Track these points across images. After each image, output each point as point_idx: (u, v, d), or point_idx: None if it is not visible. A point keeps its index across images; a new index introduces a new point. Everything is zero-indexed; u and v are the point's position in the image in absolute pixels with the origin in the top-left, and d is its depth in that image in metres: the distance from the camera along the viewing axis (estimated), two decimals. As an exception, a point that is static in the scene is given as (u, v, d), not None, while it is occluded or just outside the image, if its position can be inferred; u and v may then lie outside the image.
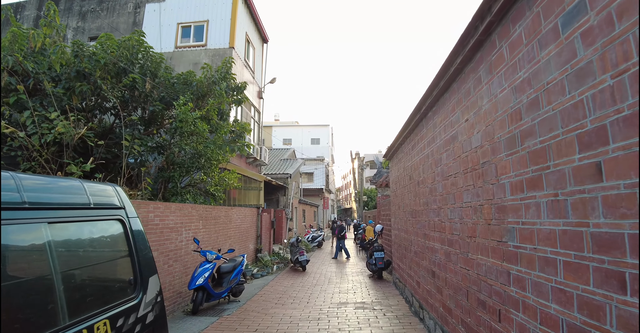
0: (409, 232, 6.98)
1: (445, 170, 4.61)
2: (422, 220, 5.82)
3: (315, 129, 47.52)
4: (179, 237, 7.52)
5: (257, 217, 13.02)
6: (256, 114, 17.86)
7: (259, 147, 16.60)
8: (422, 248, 5.85)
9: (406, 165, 7.19)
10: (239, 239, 11.12)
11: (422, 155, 5.80)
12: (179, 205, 7.52)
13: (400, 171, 7.91)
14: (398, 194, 8.17)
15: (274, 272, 11.97)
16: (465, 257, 3.91)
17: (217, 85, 8.79)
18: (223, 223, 9.83)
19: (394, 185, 8.81)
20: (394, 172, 8.81)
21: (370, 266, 10.35)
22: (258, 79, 18.61)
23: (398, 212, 8.20)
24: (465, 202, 3.90)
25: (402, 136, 7.25)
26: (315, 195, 31.79)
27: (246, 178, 13.46)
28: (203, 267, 7.30)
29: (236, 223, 10.91)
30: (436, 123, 5.01)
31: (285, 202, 17.56)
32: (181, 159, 8.51)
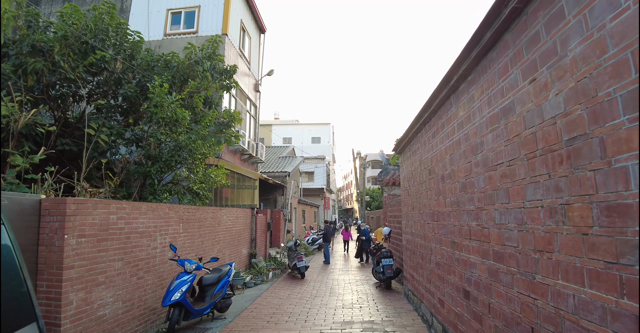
0: (427, 238, 5.76)
1: (490, 158, 3.39)
2: (449, 225, 4.60)
3: (316, 127, 46.33)
4: (152, 244, 6.31)
5: (252, 219, 11.81)
6: (252, 107, 16.67)
7: (255, 143, 15.41)
8: (449, 260, 4.64)
9: (424, 157, 5.98)
10: (230, 244, 9.92)
11: (450, 142, 4.58)
12: (151, 206, 6.31)
13: (414, 165, 6.70)
14: (412, 193, 6.96)
15: (269, 279, 10.76)
16: (530, 279, 2.70)
17: (199, 65, 7.58)
18: (210, 226, 8.63)
19: (405, 182, 7.60)
20: (406, 167, 7.60)
21: (377, 274, 9.13)
22: (254, 71, 17.42)
23: (412, 214, 6.98)
24: (530, 201, 2.69)
25: (418, 123, 6.04)
26: (315, 195, 30.57)
27: (239, 176, 12.26)
28: (180, 279, 6.10)
29: (226, 225, 9.71)
30: (473, 96, 3.79)
31: (284, 202, 16.36)
32: (158, 152, 7.31)
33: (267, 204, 16.34)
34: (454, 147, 4.43)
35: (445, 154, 4.79)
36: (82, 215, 4.77)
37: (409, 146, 7.19)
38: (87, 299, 4.80)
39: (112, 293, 5.29)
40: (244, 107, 15.27)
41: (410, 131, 6.64)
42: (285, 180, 16.50)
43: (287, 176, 16.56)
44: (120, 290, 5.49)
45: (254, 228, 11.79)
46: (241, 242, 10.85)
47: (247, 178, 12.11)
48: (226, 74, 8.26)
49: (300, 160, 19.91)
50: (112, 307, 5.26)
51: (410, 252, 7.18)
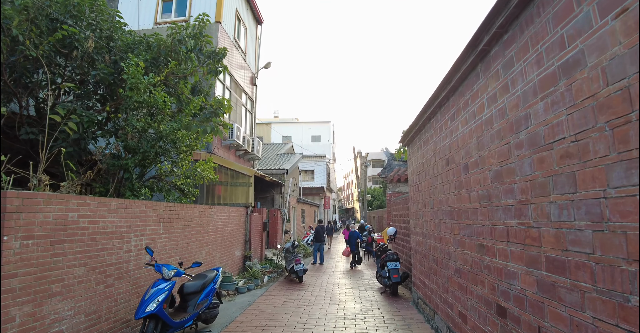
0: (444, 240, 4.92)
1: (541, 134, 2.56)
2: (476, 224, 3.77)
3: (316, 125, 45.47)
4: (125, 246, 5.48)
5: (246, 218, 10.98)
6: (248, 101, 15.85)
7: (251, 138, 14.58)
8: (475, 267, 3.80)
9: (439, 146, 5.14)
10: (221, 245, 9.08)
11: (476, 122, 3.75)
12: (124, 202, 5.48)
13: (427, 156, 5.86)
14: (423, 188, 6.12)
15: (264, 284, 9.92)
16: (618, 302, 1.86)
17: (182, 45, 6.74)
18: (197, 226, 7.79)
19: (415, 176, 6.76)
20: (415, 160, 6.76)
21: (382, 279, 8.29)
22: (251, 63, 16.61)
23: (423, 212, 6.15)
24: (618, 188, 1.85)
25: (431, 106, 5.21)
26: (315, 194, 29.73)
27: (233, 173, 11.43)
28: (157, 287, 5.27)
29: (216, 225, 8.87)
30: (512, 59, 2.96)
31: (281, 201, 15.53)
32: (137, 143, 6.48)
33: (264, 203, 15.51)
34: (482, 128, 3.59)
35: (469, 138, 3.95)
36: (29, 212, 3.94)
37: (419, 135, 6.35)
38: (36, 314, 3.97)
39: (71, 305, 4.46)
40: (239, 101, 14.45)
41: (422, 117, 5.81)
42: (283, 177, 15.67)
43: (285, 174, 15.73)
44: (83, 301, 4.66)
45: (248, 228, 10.95)
46: (234, 244, 10.02)
47: (241, 175, 11.28)
48: (214, 57, 7.42)
49: (298, 157, 19.07)
50: (71, 321, 4.43)
51: (421, 256, 6.34)
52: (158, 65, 6.95)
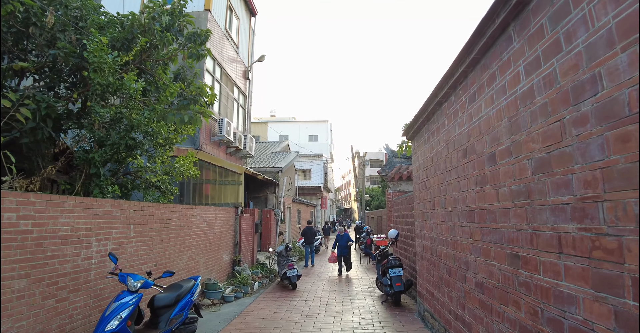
0: (459, 247, 4.13)
1: (624, 101, 1.77)
2: (507, 228, 2.98)
3: (313, 124, 44.68)
4: (83, 252, 4.67)
5: (235, 219, 10.17)
6: (240, 96, 15.05)
7: (243, 135, 13.77)
8: (506, 283, 3.01)
9: (453, 134, 4.35)
10: (205, 250, 8.26)
11: (508, 99, 2.96)
12: (82, 201, 4.67)
13: (436, 149, 5.07)
14: (431, 185, 5.33)
15: (254, 291, 9.11)
16: None
17: (156, 21, 5.93)
18: (176, 229, 6.98)
19: (421, 173, 5.97)
20: (421, 154, 5.97)
21: (383, 287, 7.48)
22: (244, 57, 15.81)
23: (431, 213, 5.36)
24: None
25: (443, 89, 4.42)
26: (312, 194, 28.92)
27: (222, 171, 10.62)
28: (120, 300, 4.46)
29: (201, 227, 8.06)
30: (567, 6, 2.17)
31: (275, 201, 14.72)
32: (104, 134, 5.67)
33: (257, 203, 14.71)
34: (517, 105, 2.80)
35: (496, 121, 3.16)
36: (-58, 214, 3.12)
37: (427, 125, 5.56)
38: (-47, 341, 3.16)
39: (6, 325, 3.64)
40: (230, 95, 13.65)
41: (430, 103, 5.02)
42: (278, 176, 14.86)
43: (279, 172, 14.92)
44: (25, 320, 3.85)
45: (237, 230, 10.14)
46: (221, 247, 9.20)
47: (231, 173, 10.48)
48: (196, 39, 6.61)
49: (294, 155, 18.26)
50: (5, 346, 3.61)
51: (429, 263, 5.55)
52: (130, 46, 6.14)
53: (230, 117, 13.57)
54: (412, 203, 7.35)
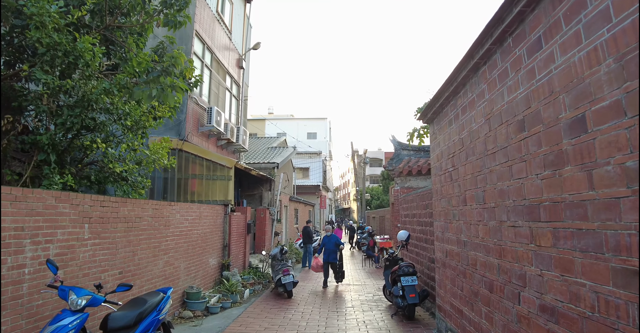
0: (509, 255, 3.06)
1: None
2: (613, 228, 1.90)
3: (312, 122, 43.57)
4: (11, 259, 3.59)
5: (224, 218, 9.08)
6: (234, 85, 13.97)
7: (236, 127, 12.69)
8: (606, 313, 1.93)
9: (499, 105, 3.28)
10: (187, 253, 7.17)
11: (608, 32, 1.87)
12: (10, 192, 3.58)
13: (470, 128, 4.00)
14: (461, 176, 4.26)
15: (244, 300, 8.02)
16: None
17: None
18: (150, 229, 5.89)
19: (444, 162, 4.89)
20: (444, 139, 4.89)
21: (393, 298, 6.39)
22: (237, 44, 14.73)
23: (460, 211, 4.29)
24: None
25: (484, 45, 3.35)
26: (311, 193, 27.82)
27: (209, 164, 9.53)
28: (57, 323, 3.41)
29: (181, 227, 6.97)
30: None
31: (271, 199, 13.63)
32: (54, 110, 4.58)
33: (251, 201, 13.62)
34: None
35: (588, 67, 2.09)
36: None
37: (454, 101, 4.49)
38: None
39: None
40: (222, 83, 12.56)
41: (460, 72, 3.95)
42: (273, 172, 13.77)
43: (275, 168, 13.83)
44: None
45: (227, 230, 9.05)
46: (207, 250, 8.11)
47: (220, 167, 9.40)
48: (174, 2, 5.51)
49: (291, 151, 17.15)
50: None
51: (455, 272, 4.47)
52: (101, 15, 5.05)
53: (222, 107, 12.48)
54: (427, 199, 6.28)
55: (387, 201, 23.54)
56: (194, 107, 10.32)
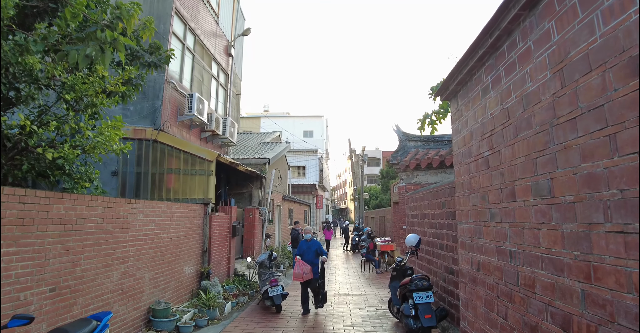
0: (606, 279, 1.89)
1: None
2: None
3: (309, 120, 42.36)
4: None
5: (204, 219, 7.88)
6: (221, 74, 12.79)
7: (222, 118, 11.51)
8: None
9: (583, 44, 2.11)
10: (154, 261, 5.98)
11: None
12: None
13: (523, 92, 2.84)
14: (504, 161, 3.11)
15: (225, 315, 6.83)
16: None
17: None
18: (99, 232, 4.70)
19: (474, 145, 3.73)
20: (476, 115, 3.73)
21: (404, 318, 5.19)
22: (226, 30, 13.55)
23: (503, 209, 3.13)
24: None
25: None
26: (307, 193, 26.62)
27: (187, 157, 8.32)
28: None
29: (145, 230, 5.78)
30: None
31: (262, 198, 12.45)
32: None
33: (240, 200, 12.43)
34: None
35: None
36: None
37: (492, 61, 3.32)
38: None
39: None
40: (207, 70, 11.37)
41: (502, 18, 2.79)
42: (264, 169, 12.57)
43: (266, 164, 12.64)
44: None
45: (207, 233, 7.85)
46: (181, 257, 6.92)
47: (199, 161, 8.19)
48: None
49: (285, 146, 15.95)
50: None
51: (494, 293, 3.30)
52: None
53: (207, 96, 11.29)
54: (443, 196, 5.13)
55: (387, 200, 22.39)
56: (172, 93, 9.13)
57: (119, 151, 4.64)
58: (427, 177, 7.55)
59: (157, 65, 6.38)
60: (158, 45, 6.31)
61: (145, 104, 8.92)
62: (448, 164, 6.85)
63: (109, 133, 4.44)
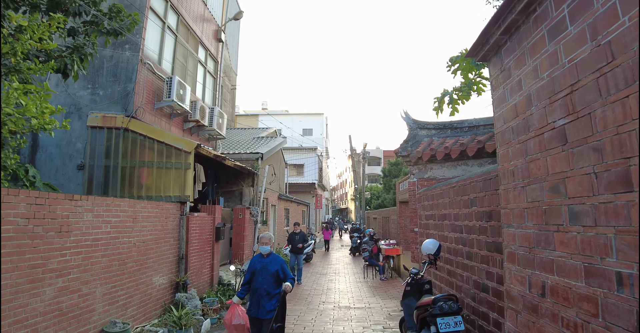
0: None
1: None
2: None
3: (308, 118, 41.19)
4: None
5: (181, 221, 6.73)
6: (210, 61, 11.64)
7: (209, 108, 10.38)
8: None
9: None
10: (109, 272, 4.82)
11: None
12: None
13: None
14: (594, 132, 1.93)
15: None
16: None
17: None
18: (23, 238, 3.54)
19: (537, 114, 2.57)
20: (541, 68, 2.56)
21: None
22: (215, 13, 12.41)
23: (605, 208, 1.95)
24: None
25: None
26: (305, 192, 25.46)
27: (161, 148, 7.15)
28: None
29: (96, 234, 4.62)
30: None
31: (253, 197, 11.30)
32: None
33: (230, 199, 11.27)
34: None
35: None
36: None
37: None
38: None
39: None
40: (192, 54, 10.23)
41: None
42: (257, 165, 11.42)
43: (259, 159, 11.48)
44: None
45: (184, 237, 6.69)
46: (148, 265, 5.76)
47: (175, 152, 7.02)
48: None
49: (281, 141, 14.77)
50: None
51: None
52: None
53: (192, 83, 10.14)
54: (472, 192, 3.98)
55: (390, 200, 21.22)
56: (147, 76, 7.98)
57: (41, 128, 3.46)
58: (443, 171, 6.38)
59: (118, 32, 5.26)
60: (119, 9, 5.19)
61: (117, 88, 7.78)
62: (471, 154, 5.68)
63: (30, 102, 3.26)
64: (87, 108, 7.76)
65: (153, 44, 8.41)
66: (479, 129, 6.08)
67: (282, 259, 4.70)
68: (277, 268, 4.50)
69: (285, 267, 4.59)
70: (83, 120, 7.72)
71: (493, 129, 6.21)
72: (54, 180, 7.71)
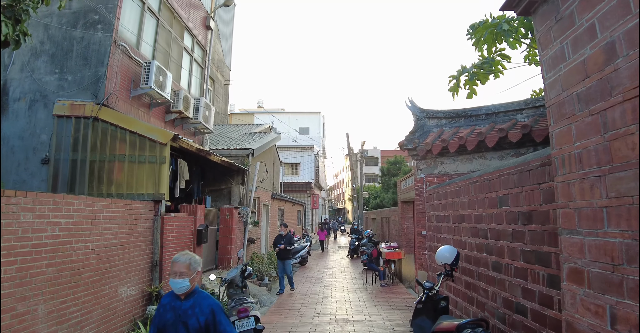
0: None
1: None
2: None
3: (304, 116, 40.30)
4: None
5: (154, 222, 5.88)
6: (197, 49, 10.80)
7: (195, 99, 9.54)
8: None
9: None
10: (57, 285, 3.97)
11: None
12: None
13: None
14: None
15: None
16: None
17: None
18: None
19: (622, 64, 1.75)
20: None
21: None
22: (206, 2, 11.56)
23: None
24: None
25: None
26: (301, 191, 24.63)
27: (134, 139, 6.28)
28: None
29: (40, 239, 3.78)
30: None
31: (243, 196, 10.47)
32: None
33: (218, 198, 10.43)
34: None
35: None
36: None
37: None
38: None
39: None
40: (177, 40, 9.38)
41: None
42: (247, 161, 10.58)
43: (250, 155, 10.65)
44: None
45: (158, 241, 5.85)
46: (113, 274, 4.91)
47: (149, 144, 6.14)
48: None
49: (274, 136, 13.91)
50: None
51: None
52: None
53: (176, 71, 9.30)
54: (500, 188, 3.18)
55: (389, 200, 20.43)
56: (122, 60, 7.12)
57: None
58: (456, 165, 5.58)
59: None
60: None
61: (87, 72, 6.93)
62: (491, 145, 4.87)
63: None
64: (54, 95, 6.92)
65: (131, 25, 7.57)
66: (499, 115, 5.27)
67: (214, 302, 2.54)
68: (203, 322, 2.43)
69: (222, 318, 2.48)
70: (49, 108, 6.88)
71: (516, 115, 5.41)
72: (16, 176, 6.86)
